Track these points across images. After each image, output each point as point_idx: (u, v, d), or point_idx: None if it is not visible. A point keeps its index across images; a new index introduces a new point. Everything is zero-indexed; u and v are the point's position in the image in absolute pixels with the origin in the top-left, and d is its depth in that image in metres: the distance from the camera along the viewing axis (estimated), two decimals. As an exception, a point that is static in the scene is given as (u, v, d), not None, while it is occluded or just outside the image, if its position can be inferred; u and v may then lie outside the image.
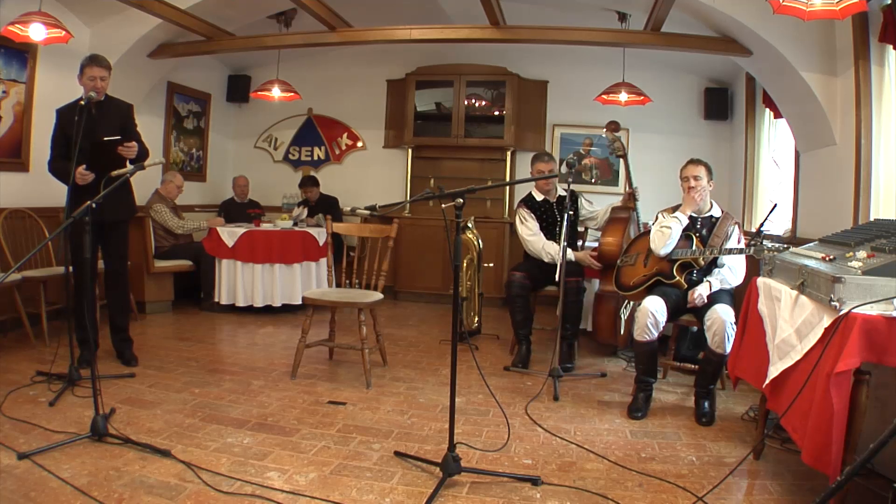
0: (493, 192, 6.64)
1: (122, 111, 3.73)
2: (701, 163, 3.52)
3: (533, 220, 4.34)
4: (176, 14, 4.69)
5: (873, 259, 2.12)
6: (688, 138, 6.30)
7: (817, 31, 3.95)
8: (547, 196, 4.39)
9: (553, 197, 4.39)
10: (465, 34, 5.13)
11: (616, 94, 5.22)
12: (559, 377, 3.58)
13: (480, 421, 3.12)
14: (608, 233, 4.21)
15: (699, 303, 3.30)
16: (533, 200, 4.41)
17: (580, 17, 5.43)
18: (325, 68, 6.96)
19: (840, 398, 1.93)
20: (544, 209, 4.36)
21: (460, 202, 2.38)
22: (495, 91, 6.56)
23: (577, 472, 2.56)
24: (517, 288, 4.17)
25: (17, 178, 4.59)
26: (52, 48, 4.47)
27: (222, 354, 4.27)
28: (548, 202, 4.38)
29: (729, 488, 2.45)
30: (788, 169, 4.90)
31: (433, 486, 2.32)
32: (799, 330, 2.28)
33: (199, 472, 2.38)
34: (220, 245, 5.41)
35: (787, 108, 4.54)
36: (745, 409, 3.34)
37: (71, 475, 2.30)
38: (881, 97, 3.54)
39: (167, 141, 6.25)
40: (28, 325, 4.09)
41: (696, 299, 3.30)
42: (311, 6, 4.64)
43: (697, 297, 3.30)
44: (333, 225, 4.15)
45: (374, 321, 3.92)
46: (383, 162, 7.02)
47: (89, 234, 2.71)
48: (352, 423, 3.01)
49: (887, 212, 3.44)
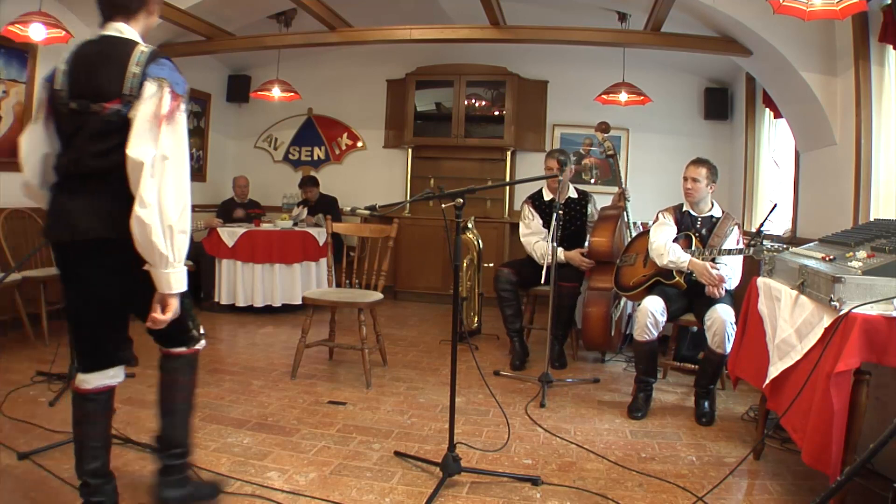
0: (493, 192, 6.64)
1: None
2: (703, 164, 3.50)
3: (534, 217, 4.33)
4: (176, 14, 4.68)
5: (873, 259, 2.12)
6: (688, 138, 6.30)
7: (817, 31, 3.95)
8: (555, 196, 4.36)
9: (561, 198, 4.34)
10: (465, 34, 5.13)
11: (616, 94, 5.22)
12: (549, 383, 3.54)
13: (480, 421, 3.12)
14: (597, 231, 4.18)
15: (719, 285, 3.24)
16: (540, 198, 4.40)
17: (580, 17, 5.43)
18: (325, 68, 6.96)
19: (840, 398, 1.93)
20: (551, 209, 4.34)
21: (460, 202, 2.38)
22: (495, 91, 6.56)
23: (577, 472, 2.56)
24: (504, 283, 4.18)
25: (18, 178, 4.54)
26: (52, 48, 4.46)
27: (222, 354, 4.27)
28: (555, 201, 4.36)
29: (729, 488, 2.45)
30: (788, 169, 4.90)
31: (433, 486, 2.32)
32: (799, 330, 2.28)
33: (199, 472, 2.38)
34: (220, 245, 5.41)
35: (787, 108, 4.54)
36: (745, 409, 3.34)
37: (71, 475, 2.28)
38: (881, 97, 3.54)
39: (167, 141, 6.25)
40: (28, 325, 4.09)
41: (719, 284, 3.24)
42: (311, 6, 4.64)
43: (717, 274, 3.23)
44: (333, 225, 4.14)
45: (374, 321, 3.92)
46: (383, 162, 7.02)
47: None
48: (352, 423, 3.01)
49: (887, 212, 3.43)
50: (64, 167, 1.86)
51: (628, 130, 6.51)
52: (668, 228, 3.53)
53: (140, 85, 1.75)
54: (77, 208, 1.81)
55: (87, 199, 1.81)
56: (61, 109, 1.83)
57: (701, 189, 3.48)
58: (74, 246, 1.84)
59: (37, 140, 1.93)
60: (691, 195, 3.51)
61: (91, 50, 1.84)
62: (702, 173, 3.48)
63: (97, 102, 1.77)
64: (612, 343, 4.17)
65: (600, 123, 4.58)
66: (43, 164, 1.94)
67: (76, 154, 1.81)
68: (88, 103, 1.78)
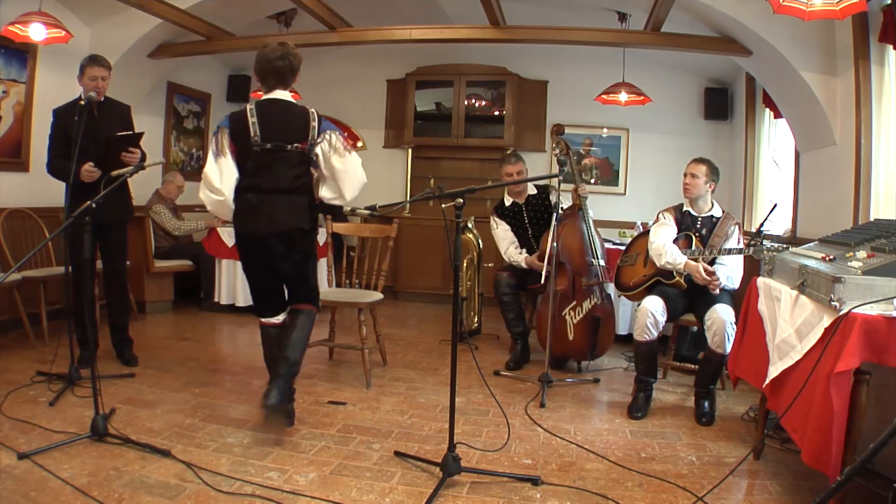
0: (493, 192, 6.60)
1: (122, 112, 3.75)
2: (703, 162, 3.52)
3: (503, 224, 4.34)
4: (176, 14, 4.68)
5: (873, 259, 2.12)
6: (688, 138, 6.30)
7: (817, 31, 3.95)
8: (516, 199, 4.35)
9: (522, 199, 4.34)
10: (465, 34, 5.12)
11: (616, 93, 5.22)
12: (549, 383, 3.54)
13: (480, 421, 3.12)
14: (544, 235, 4.10)
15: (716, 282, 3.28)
16: (503, 206, 4.40)
17: (580, 17, 5.42)
18: (325, 68, 6.95)
19: (840, 398, 1.93)
20: (514, 213, 4.34)
21: (460, 202, 2.38)
22: (495, 91, 6.56)
23: (577, 472, 2.56)
24: (504, 287, 4.19)
25: (17, 178, 4.59)
26: (52, 48, 4.47)
27: (222, 354, 4.27)
28: (517, 205, 4.35)
29: (729, 488, 2.45)
30: (788, 169, 4.90)
31: (433, 486, 2.32)
32: (799, 330, 2.28)
33: (199, 471, 2.38)
34: (220, 245, 5.40)
35: (787, 108, 4.54)
36: (745, 409, 3.34)
37: (71, 475, 2.30)
38: (881, 97, 3.54)
39: (167, 141, 6.25)
40: (28, 325, 4.09)
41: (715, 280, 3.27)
42: (311, 6, 4.64)
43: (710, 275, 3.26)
44: (333, 225, 4.14)
45: (374, 321, 3.92)
46: (383, 162, 7.01)
47: (89, 234, 2.71)
48: (352, 423, 3.02)
49: (887, 212, 3.43)
50: (260, 186, 2.73)
51: (628, 130, 6.51)
52: (668, 229, 3.53)
53: (318, 134, 2.81)
54: (277, 211, 2.74)
55: (284, 205, 2.75)
56: (254, 149, 2.72)
57: (699, 186, 3.48)
58: (272, 235, 2.75)
59: (231, 169, 2.74)
60: (689, 191, 3.52)
61: (273, 110, 2.78)
62: (701, 170, 3.48)
63: (291, 144, 2.75)
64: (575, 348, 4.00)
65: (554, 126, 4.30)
66: (234, 185, 2.75)
67: (275, 177, 2.74)
68: (284, 145, 2.74)
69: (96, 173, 3.39)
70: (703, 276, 3.27)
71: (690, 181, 3.50)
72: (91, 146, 3.39)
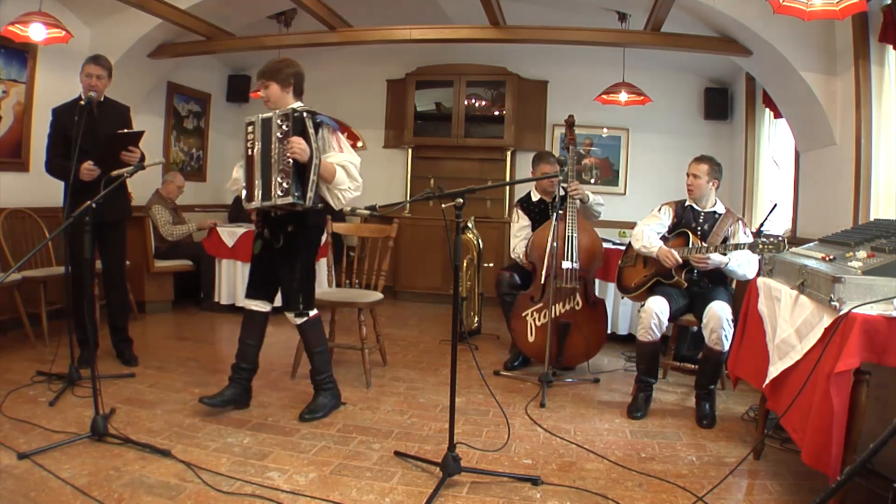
0: (493, 192, 6.64)
1: (121, 112, 3.75)
2: (705, 161, 3.54)
3: (523, 219, 4.34)
4: (176, 14, 4.68)
5: (873, 259, 2.12)
6: (688, 138, 6.30)
7: (817, 31, 3.95)
8: (544, 196, 4.38)
9: (550, 198, 4.37)
10: (465, 34, 5.12)
11: (616, 93, 5.22)
12: (549, 383, 3.54)
13: (480, 421, 3.12)
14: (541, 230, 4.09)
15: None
16: (529, 200, 4.41)
17: (580, 17, 5.42)
18: (325, 68, 6.94)
19: (840, 398, 1.93)
20: (539, 209, 4.35)
21: (460, 202, 2.38)
22: (495, 91, 6.56)
23: (577, 472, 2.56)
24: (506, 286, 4.20)
25: (17, 178, 4.59)
26: (52, 48, 4.47)
27: (222, 354, 4.26)
28: (544, 202, 4.37)
29: (729, 488, 2.45)
30: (788, 169, 4.90)
31: (433, 486, 2.32)
32: (799, 330, 2.28)
33: (199, 472, 2.38)
34: (220, 245, 5.40)
35: (787, 108, 4.54)
36: (745, 409, 3.34)
37: (71, 475, 2.30)
38: (881, 97, 3.54)
39: (167, 141, 6.25)
40: (28, 325, 4.08)
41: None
42: (311, 6, 4.64)
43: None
44: (333, 225, 4.14)
45: (373, 321, 3.92)
46: (383, 162, 7.01)
47: (89, 234, 2.71)
48: (352, 423, 3.02)
49: (887, 212, 3.44)
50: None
51: (628, 130, 6.51)
52: (655, 220, 3.61)
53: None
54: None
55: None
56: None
57: (702, 185, 3.51)
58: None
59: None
60: (692, 191, 3.57)
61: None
62: (703, 170, 3.50)
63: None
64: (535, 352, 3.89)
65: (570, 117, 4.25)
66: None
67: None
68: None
69: (96, 172, 3.38)
70: (675, 259, 3.38)
71: (693, 181, 3.53)
72: (90, 146, 3.39)
